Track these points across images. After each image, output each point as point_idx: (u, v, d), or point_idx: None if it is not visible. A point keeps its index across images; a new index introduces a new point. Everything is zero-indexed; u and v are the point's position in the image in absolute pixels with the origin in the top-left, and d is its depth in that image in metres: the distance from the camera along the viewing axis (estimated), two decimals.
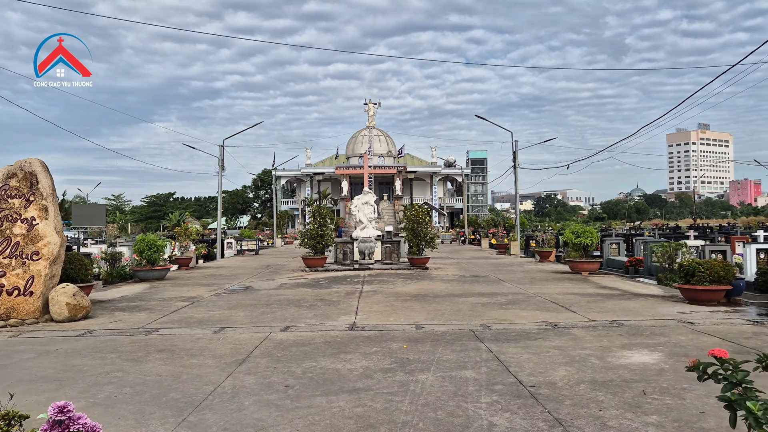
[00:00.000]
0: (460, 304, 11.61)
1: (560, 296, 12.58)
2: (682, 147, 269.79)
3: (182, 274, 20.23)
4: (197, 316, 10.55)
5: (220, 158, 29.83)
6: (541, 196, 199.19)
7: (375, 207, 23.23)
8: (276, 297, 13.22)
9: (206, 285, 16.20)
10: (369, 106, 74.16)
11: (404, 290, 14.16)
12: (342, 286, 15.19)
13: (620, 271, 18.72)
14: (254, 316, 10.49)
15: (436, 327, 9.14)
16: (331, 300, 12.55)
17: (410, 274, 18.53)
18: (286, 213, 72.98)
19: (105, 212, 58.15)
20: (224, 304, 12.11)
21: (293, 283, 16.23)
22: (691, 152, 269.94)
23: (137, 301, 12.80)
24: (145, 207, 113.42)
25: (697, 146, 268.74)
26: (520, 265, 22.43)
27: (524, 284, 15.23)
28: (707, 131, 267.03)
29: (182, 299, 13.05)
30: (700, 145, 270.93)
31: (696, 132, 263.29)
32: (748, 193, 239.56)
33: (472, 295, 13.15)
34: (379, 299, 12.53)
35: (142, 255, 17.52)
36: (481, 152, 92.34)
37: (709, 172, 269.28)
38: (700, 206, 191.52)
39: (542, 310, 10.67)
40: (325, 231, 19.71)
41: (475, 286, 15.06)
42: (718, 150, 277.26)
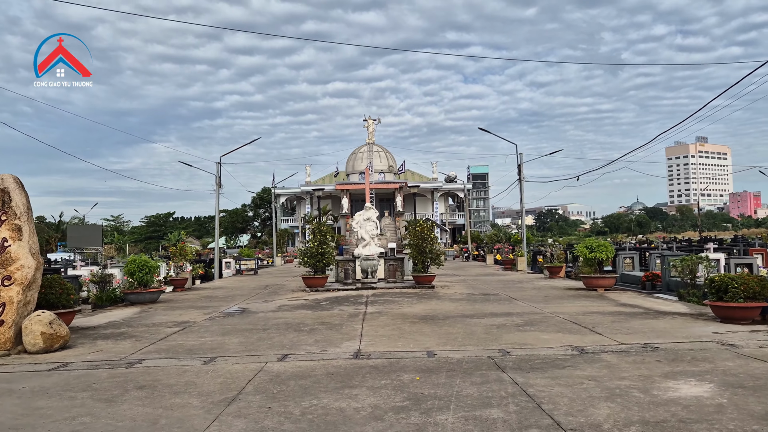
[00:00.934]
0: (473, 327, 10.70)
1: (580, 316, 11.67)
2: (681, 160, 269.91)
3: (177, 296, 19.31)
4: (187, 344, 9.63)
5: (216, 176, 29.05)
6: (542, 211, 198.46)
7: (377, 223, 22.38)
8: (274, 320, 12.31)
9: (200, 308, 15.29)
10: (369, 122, 73.64)
11: (411, 311, 13.25)
12: (344, 308, 14.28)
13: (636, 287, 17.81)
14: (249, 343, 9.58)
15: (450, 353, 8.23)
16: (332, 323, 11.64)
17: (416, 293, 17.62)
18: (286, 231, 72.14)
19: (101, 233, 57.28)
20: (218, 330, 11.20)
21: (292, 305, 15.32)
22: (690, 165, 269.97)
23: (124, 327, 11.88)
24: (144, 227, 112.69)
25: (696, 159, 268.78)
26: (530, 281, 21.51)
27: (538, 303, 14.31)
28: (705, 144, 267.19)
29: (173, 324, 12.13)
30: (699, 157, 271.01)
31: (695, 145, 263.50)
32: (748, 205, 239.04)
33: (485, 315, 12.23)
34: (385, 321, 11.62)
35: (133, 277, 16.61)
36: (483, 167, 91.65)
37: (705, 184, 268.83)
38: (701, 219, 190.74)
39: (564, 332, 9.76)
40: (325, 249, 18.83)
41: (486, 305, 14.14)
42: (716, 162, 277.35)
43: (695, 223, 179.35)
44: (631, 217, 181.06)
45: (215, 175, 29.06)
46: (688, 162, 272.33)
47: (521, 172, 29.96)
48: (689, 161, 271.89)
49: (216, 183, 28.91)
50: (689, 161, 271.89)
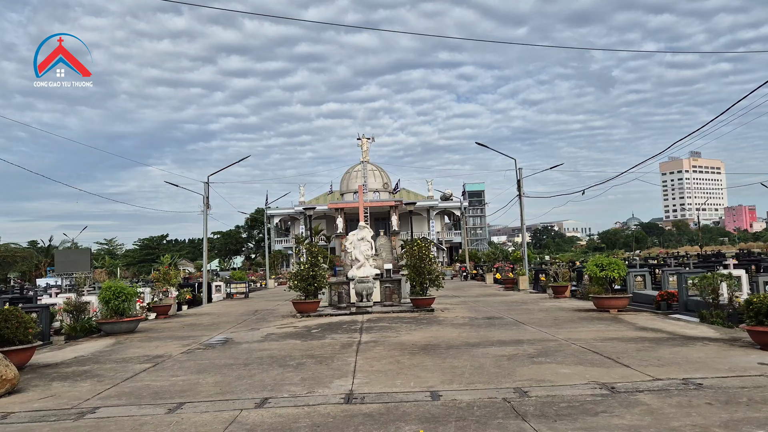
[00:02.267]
0: (480, 358, 9.49)
1: (599, 343, 10.47)
2: (675, 175, 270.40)
3: (158, 324, 18.01)
4: (155, 385, 8.39)
5: (204, 196, 27.87)
6: (538, 228, 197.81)
7: (372, 243, 21.23)
8: (258, 353, 11.07)
9: (180, 338, 14.02)
10: (363, 141, 72.76)
11: (410, 339, 12.02)
12: (337, 336, 13.04)
13: (650, 307, 16.64)
14: (226, 383, 8.34)
15: (458, 395, 7.02)
16: (323, 356, 10.41)
17: (414, 317, 16.39)
18: (280, 252, 70.85)
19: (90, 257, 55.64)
20: (193, 366, 9.95)
21: (281, 333, 14.06)
22: (684, 180, 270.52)
23: (89, 364, 10.61)
24: (138, 251, 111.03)
25: (690, 174, 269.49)
26: (535, 302, 20.30)
27: (549, 327, 13.11)
28: (699, 159, 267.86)
29: (145, 359, 10.87)
30: (693, 172, 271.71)
31: (688, 160, 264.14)
32: (743, 219, 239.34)
33: (492, 344, 11.03)
34: (381, 353, 10.39)
35: (108, 305, 15.35)
36: (479, 185, 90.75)
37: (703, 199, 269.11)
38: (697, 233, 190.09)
39: (586, 365, 8.56)
40: (317, 271, 17.61)
41: (492, 331, 12.93)
42: (710, 177, 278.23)
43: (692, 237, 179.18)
44: (628, 233, 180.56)
45: (203, 195, 27.89)
46: (683, 177, 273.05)
47: (521, 187, 28.92)
48: (683, 176, 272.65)
49: (204, 203, 27.73)
50: (683, 176, 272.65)
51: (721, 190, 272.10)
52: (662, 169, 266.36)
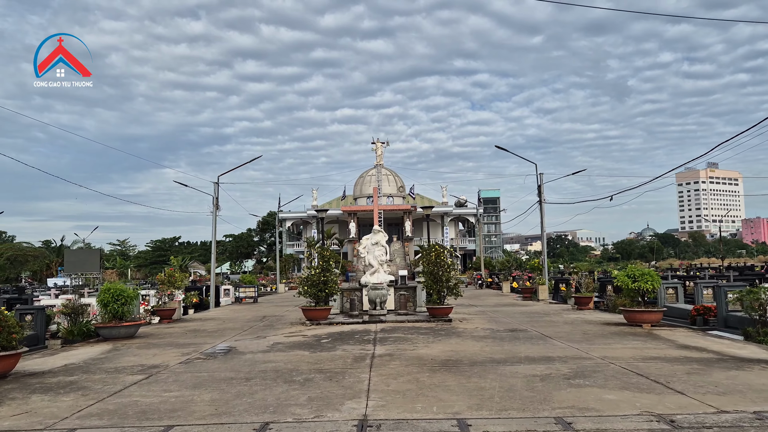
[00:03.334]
0: (509, 378, 8.45)
1: (640, 363, 9.40)
2: (692, 186, 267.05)
3: (160, 329, 17.13)
4: (143, 402, 7.45)
5: (214, 196, 27.05)
6: (552, 237, 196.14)
7: (387, 248, 20.22)
8: (262, 365, 10.11)
9: (180, 346, 13.10)
10: (377, 145, 71.84)
11: (429, 353, 11.01)
12: (348, 347, 12.05)
13: (684, 322, 15.50)
14: (224, 402, 7.39)
15: (490, 425, 6.01)
16: (333, 370, 9.42)
17: (431, 327, 15.37)
18: (291, 257, 70.05)
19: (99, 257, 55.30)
20: (189, 379, 9.00)
21: (288, 343, 13.10)
22: (701, 191, 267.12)
23: (78, 374, 9.71)
24: (150, 252, 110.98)
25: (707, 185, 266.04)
26: (557, 313, 19.19)
27: (579, 342, 12.03)
28: (716, 170, 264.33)
29: (138, 370, 9.95)
30: (710, 183, 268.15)
31: (705, 171, 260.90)
32: (761, 231, 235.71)
33: (520, 360, 9.98)
34: (398, 369, 9.39)
35: (107, 308, 14.49)
36: (494, 191, 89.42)
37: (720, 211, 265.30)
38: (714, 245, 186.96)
39: (633, 390, 7.50)
40: (328, 277, 16.64)
41: (517, 345, 11.88)
42: (727, 188, 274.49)
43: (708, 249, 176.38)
44: (643, 243, 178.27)
45: (212, 195, 27.07)
46: (699, 188, 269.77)
47: (541, 193, 27.82)
48: (700, 187, 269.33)
49: (213, 204, 26.90)
50: (700, 187, 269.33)
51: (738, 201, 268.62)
52: (678, 179, 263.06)
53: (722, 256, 60.24)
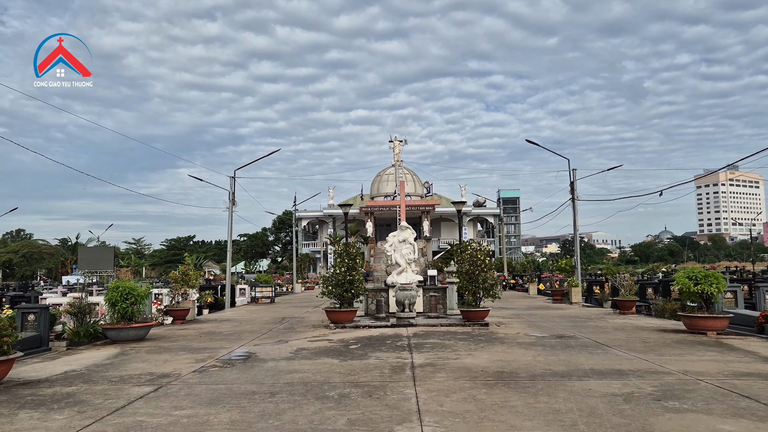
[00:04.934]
0: (585, 397, 7.06)
1: (736, 381, 7.94)
2: (711, 188, 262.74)
3: (172, 331, 15.91)
4: (150, 423, 6.17)
5: (230, 191, 25.88)
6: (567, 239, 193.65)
7: (415, 246, 18.91)
8: (287, 376, 8.79)
9: (195, 351, 11.84)
10: (395, 143, 70.45)
11: (476, 363, 9.63)
12: (382, 355, 10.71)
13: (750, 330, 13.95)
14: (246, 425, 6.08)
15: None
16: (370, 384, 8.08)
17: (468, 332, 13.98)
18: (307, 256, 68.90)
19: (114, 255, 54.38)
20: (204, 393, 7.71)
21: (313, 349, 11.79)
22: (720, 193, 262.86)
23: (78, 383, 8.46)
24: (165, 251, 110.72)
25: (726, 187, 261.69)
26: (600, 318, 17.71)
27: (644, 352, 10.58)
28: (736, 172, 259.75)
29: (147, 380, 8.68)
30: (730, 186, 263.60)
31: (725, 173, 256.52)
32: None
33: (586, 374, 8.57)
34: (447, 383, 8.02)
35: (115, 308, 13.29)
36: (514, 191, 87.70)
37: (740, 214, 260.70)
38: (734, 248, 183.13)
39: (749, 417, 6.07)
40: (355, 276, 15.32)
41: (573, 355, 10.46)
42: (748, 191, 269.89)
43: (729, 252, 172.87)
44: (661, 246, 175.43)
45: (228, 190, 25.90)
46: (718, 190, 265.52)
47: (574, 190, 26.30)
48: (719, 189, 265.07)
49: (229, 199, 25.72)
50: (719, 189, 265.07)
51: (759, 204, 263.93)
52: (697, 182, 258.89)
53: (752, 259, 58.05)
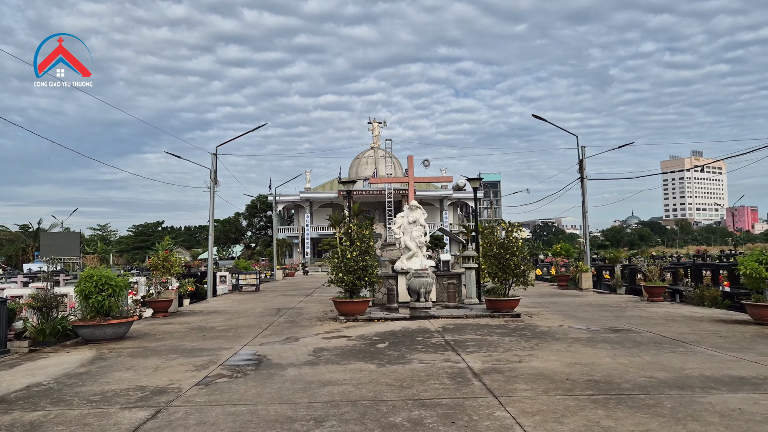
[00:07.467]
0: (739, 421, 5.23)
1: None
2: (677, 174, 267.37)
3: (155, 326, 13.71)
4: None
5: (211, 169, 23.50)
6: (538, 224, 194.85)
7: (425, 227, 16.99)
8: (323, 390, 6.77)
9: (189, 352, 9.71)
10: (374, 125, 68.40)
11: (549, 368, 7.76)
12: (423, 357, 8.76)
13: None
14: None
15: None
16: (439, 402, 6.11)
17: (503, 325, 12.15)
18: (284, 241, 66.48)
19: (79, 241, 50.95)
20: (223, 423, 5.62)
21: (333, 348, 9.78)
22: (685, 179, 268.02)
23: (44, 405, 6.30)
24: (132, 237, 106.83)
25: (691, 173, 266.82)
26: (633, 306, 16.08)
27: (740, 351, 8.86)
28: (701, 158, 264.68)
29: (137, 398, 6.57)
30: (694, 172, 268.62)
31: (690, 159, 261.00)
32: (745, 220, 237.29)
33: (703, 384, 6.76)
34: (539, 399, 6.12)
35: (89, 301, 11.04)
36: (494, 175, 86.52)
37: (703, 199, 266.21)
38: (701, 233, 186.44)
39: None
40: (368, 261, 13.32)
41: (656, 355, 8.65)
42: (712, 177, 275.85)
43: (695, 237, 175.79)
44: (631, 231, 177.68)
45: (210, 168, 23.52)
46: (684, 176, 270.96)
47: (583, 169, 24.68)
48: (684, 175, 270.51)
49: (211, 178, 23.36)
50: (684, 175, 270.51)
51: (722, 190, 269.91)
52: (663, 167, 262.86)
53: (734, 243, 57.90)
